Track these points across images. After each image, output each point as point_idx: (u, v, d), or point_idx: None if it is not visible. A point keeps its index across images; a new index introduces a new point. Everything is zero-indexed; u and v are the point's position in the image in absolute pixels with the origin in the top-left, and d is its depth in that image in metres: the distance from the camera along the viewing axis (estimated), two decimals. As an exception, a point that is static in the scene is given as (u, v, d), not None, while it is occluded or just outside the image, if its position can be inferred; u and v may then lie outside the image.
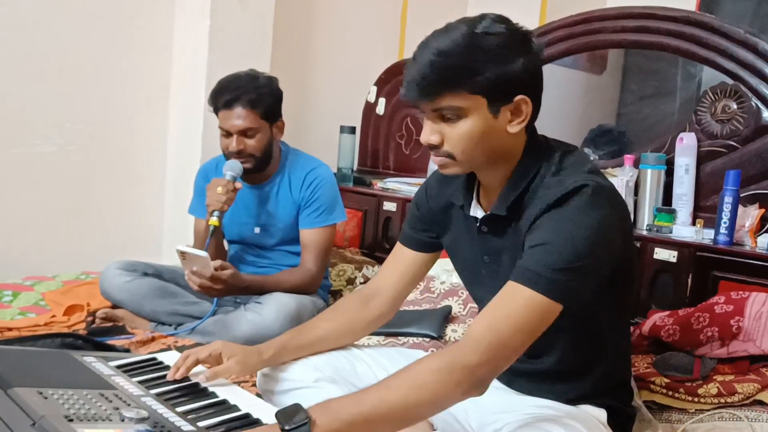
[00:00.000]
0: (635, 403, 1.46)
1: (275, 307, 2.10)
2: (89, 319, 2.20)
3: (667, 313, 1.90)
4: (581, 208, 1.15)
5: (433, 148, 1.22)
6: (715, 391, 1.61)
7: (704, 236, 2.17)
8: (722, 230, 2.09)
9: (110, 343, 1.84)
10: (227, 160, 2.21)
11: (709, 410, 1.59)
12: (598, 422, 1.30)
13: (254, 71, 2.25)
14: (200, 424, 1.09)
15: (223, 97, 2.17)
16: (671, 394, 1.65)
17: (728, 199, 2.09)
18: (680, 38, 2.42)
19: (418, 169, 3.15)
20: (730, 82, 2.31)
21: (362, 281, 2.63)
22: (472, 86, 1.15)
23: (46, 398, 1.07)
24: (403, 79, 1.20)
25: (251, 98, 2.16)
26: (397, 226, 2.83)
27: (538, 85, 1.22)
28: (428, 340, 2.05)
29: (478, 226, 1.31)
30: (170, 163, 3.02)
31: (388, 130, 3.30)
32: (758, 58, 2.24)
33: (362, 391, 1.12)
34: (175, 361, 1.35)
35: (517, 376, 1.37)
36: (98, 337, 1.94)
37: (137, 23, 2.86)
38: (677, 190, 2.34)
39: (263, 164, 2.25)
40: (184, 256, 2.05)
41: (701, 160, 2.34)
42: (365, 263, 2.73)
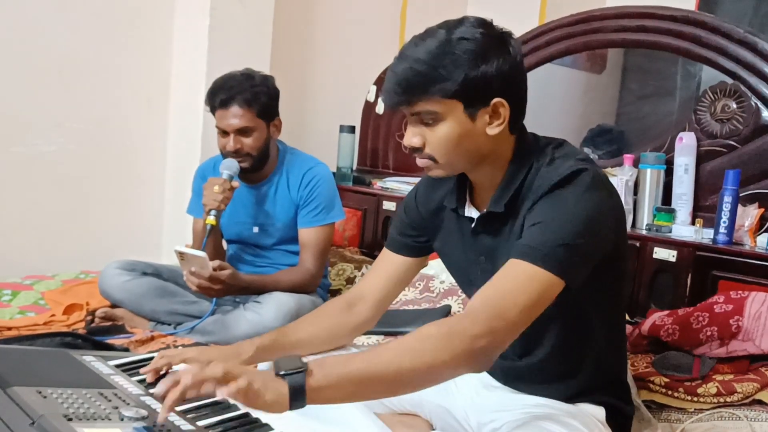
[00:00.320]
0: (635, 402, 1.46)
1: (274, 306, 2.10)
2: (88, 318, 2.20)
3: (666, 312, 1.90)
4: (579, 190, 1.17)
5: (415, 150, 1.26)
6: (714, 390, 1.61)
7: (704, 236, 2.18)
8: (722, 230, 2.09)
9: (109, 342, 1.84)
10: (225, 159, 2.21)
11: (708, 410, 1.59)
12: (596, 421, 1.30)
13: (250, 70, 2.26)
14: (199, 423, 1.09)
15: (218, 96, 2.17)
16: (670, 393, 1.65)
17: (728, 198, 2.09)
18: (680, 38, 2.42)
19: (417, 168, 3.11)
20: (729, 81, 2.31)
21: (362, 281, 2.63)
22: (444, 91, 1.18)
23: (45, 397, 1.07)
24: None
25: (247, 97, 2.16)
26: (396, 225, 2.82)
27: (516, 86, 1.23)
28: (428, 339, 2.05)
29: (473, 226, 1.32)
30: (170, 162, 3.02)
31: (387, 129, 3.29)
32: (758, 57, 2.24)
33: (362, 351, 1.13)
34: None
35: (512, 374, 1.38)
36: (97, 336, 1.94)
37: (137, 23, 2.86)
38: (677, 189, 2.34)
39: (260, 163, 2.25)
40: (182, 256, 2.05)
41: (701, 159, 2.34)
42: (364, 262, 2.73)
